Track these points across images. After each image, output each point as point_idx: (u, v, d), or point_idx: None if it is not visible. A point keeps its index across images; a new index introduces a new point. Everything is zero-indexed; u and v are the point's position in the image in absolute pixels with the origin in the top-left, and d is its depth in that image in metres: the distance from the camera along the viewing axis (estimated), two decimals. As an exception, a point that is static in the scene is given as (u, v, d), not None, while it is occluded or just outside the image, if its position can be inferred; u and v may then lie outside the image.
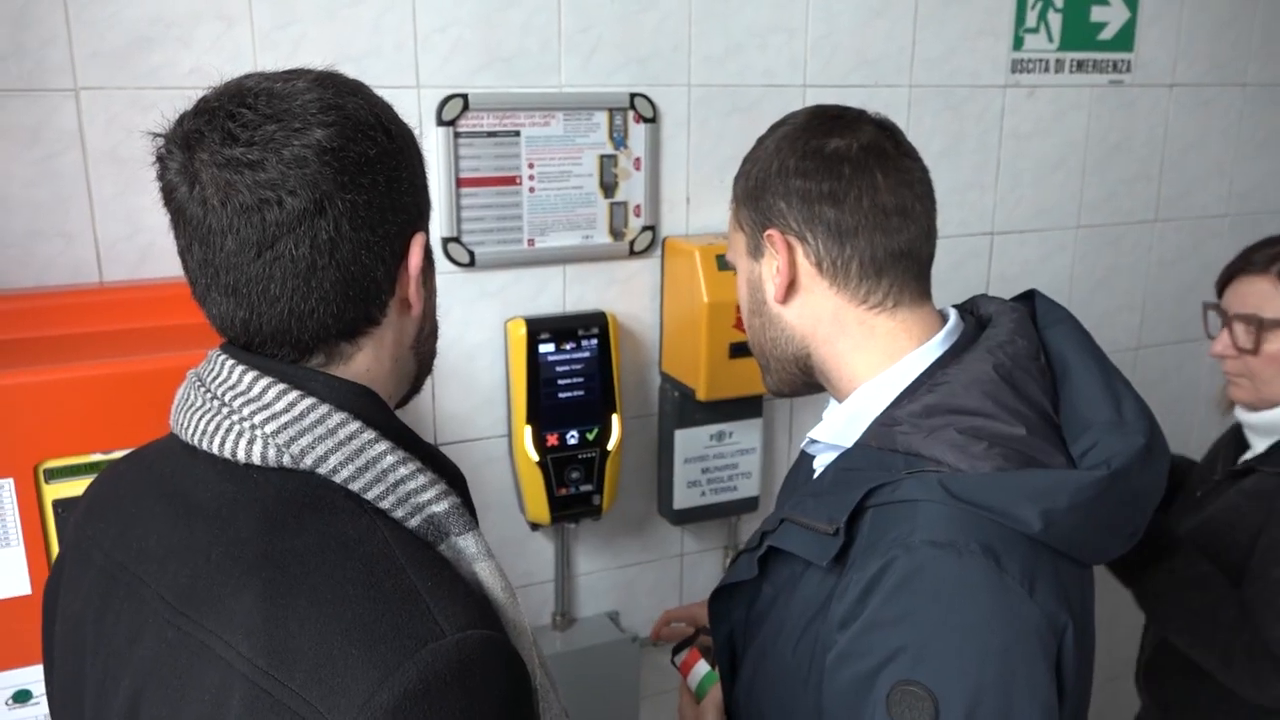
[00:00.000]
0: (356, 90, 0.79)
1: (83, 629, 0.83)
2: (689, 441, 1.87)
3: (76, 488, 1.23)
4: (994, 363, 0.96)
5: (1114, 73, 2.22)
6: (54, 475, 1.22)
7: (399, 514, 0.76)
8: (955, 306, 1.08)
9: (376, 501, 0.75)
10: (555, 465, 1.75)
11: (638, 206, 1.80)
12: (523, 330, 1.71)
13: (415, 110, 1.62)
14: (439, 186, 1.63)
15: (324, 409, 0.76)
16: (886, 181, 1.00)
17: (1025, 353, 0.98)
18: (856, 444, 1.00)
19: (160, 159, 0.76)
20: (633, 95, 1.75)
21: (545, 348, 1.72)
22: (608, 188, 1.77)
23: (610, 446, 1.78)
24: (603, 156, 1.76)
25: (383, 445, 0.77)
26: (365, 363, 0.81)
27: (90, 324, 1.40)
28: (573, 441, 1.76)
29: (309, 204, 0.73)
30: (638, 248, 1.82)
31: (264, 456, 0.74)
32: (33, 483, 1.21)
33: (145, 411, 1.16)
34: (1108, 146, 2.26)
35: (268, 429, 0.75)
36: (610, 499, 1.81)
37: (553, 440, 1.74)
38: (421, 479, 0.77)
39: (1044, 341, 1.03)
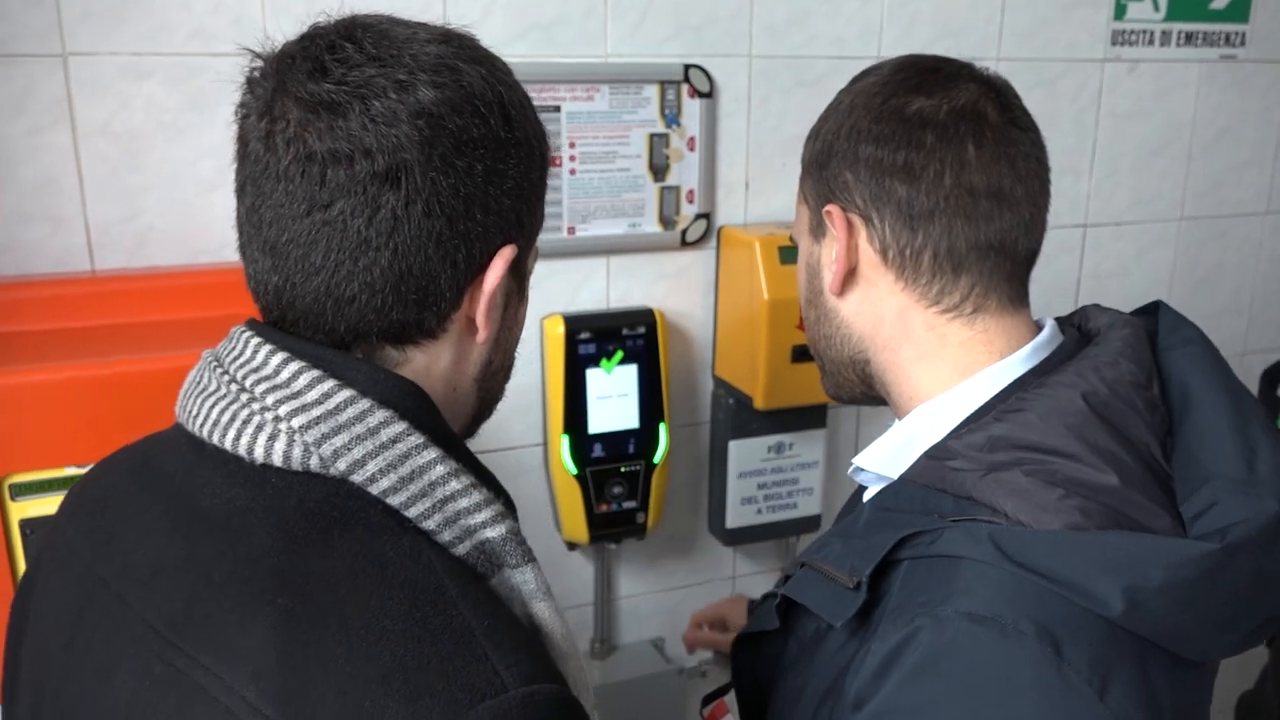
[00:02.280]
0: (487, 61, 0.70)
1: (47, 656, 0.71)
2: (744, 454, 1.75)
3: (47, 505, 1.11)
4: (1084, 389, 0.77)
5: (1226, 46, 2.04)
6: (21, 491, 1.11)
7: (445, 537, 0.66)
8: (1059, 319, 0.90)
9: (419, 521, 0.65)
10: (595, 479, 1.64)
11: (691, 192, 1.68)
12: (561, 329, 1.60)
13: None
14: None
15: (365, 403, 0.66)
16: (979, 155, 0.82)
17: (1130, 379, 0.79)
18: (901, 478, 0.83)
19: (249, 81, 0.69)
20: (687, 67, 1.62)
21: (586, 348, 1.61)
22: (658, 170, 1.65)
23: (656, 459, 1.67)
24: (652, 135, 1.63)
25: (432, 453, 0.67)
26: (413, 376, 0.70)
27: (79, 318, 1.29)
28: (615, 453, 1.64)
29: (382, 170, 0.64)
30: (690, 238, 1.69)
31: (287, 456, 0.64)
32: (-4, 499, 1.09)
33: (132, 420, 1.03)
34: (1216, 129, 2.09)
35: (295, 423, 0.64)
36: (656, 517, 1.69)
37: (593, 451, 1.63)
38: (476, 496, 0.67)
39: (1163, 367, 0.83)
